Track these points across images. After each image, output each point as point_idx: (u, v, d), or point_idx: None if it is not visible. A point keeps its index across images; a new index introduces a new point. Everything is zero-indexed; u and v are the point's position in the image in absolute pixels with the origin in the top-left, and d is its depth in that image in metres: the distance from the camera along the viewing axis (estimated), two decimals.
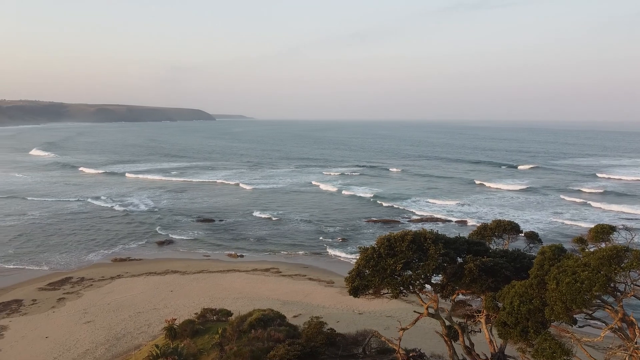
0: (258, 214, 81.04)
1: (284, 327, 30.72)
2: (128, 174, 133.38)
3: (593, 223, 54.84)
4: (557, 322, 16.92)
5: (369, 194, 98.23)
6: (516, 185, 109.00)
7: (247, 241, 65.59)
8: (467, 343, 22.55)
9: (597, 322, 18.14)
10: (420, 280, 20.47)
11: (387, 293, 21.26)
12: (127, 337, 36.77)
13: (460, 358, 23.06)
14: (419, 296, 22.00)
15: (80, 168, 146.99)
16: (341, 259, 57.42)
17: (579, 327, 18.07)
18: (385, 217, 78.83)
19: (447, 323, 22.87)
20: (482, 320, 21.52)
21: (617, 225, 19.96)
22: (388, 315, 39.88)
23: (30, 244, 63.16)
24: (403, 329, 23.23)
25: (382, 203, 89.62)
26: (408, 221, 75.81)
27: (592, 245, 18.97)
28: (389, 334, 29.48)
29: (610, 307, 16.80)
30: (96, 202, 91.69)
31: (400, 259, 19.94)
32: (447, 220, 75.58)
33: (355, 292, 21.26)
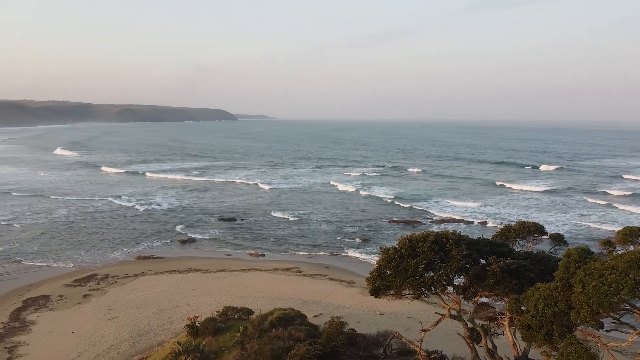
0: (278, 214, 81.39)
1: (305, 326, 30.78)
2: (150, 174, 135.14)
3: (620, 225, 53.52)
4: (583, 326, 16.60)
5: (390, 195, 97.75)
6: (540, 187, 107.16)
7: (268, 241, 65.94)
8: (490, 346, 22.26)
9: (625, 326, 17.73)
10: (442, 282, 20.27)
11: (409, 294, 21.11)
12: (150, 334, 37.34)
13: None
14: (441, 297, 21.80)
15: (102, 167, 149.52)
16: (362, 260, 57.28)
17: (606, 331, 17.67)
18: (406, 217, 78.38)
19: (470, 325, 22.61)
20: (506, 323, 21.22)
21: None
22: (409, 316, 39.65)
23: (57, 241, 64.64)
24: (424, 331, 23.05)
25: (403, 204, 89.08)
26: (430, 222, 75.23)
27: (620, 248, 18.57)
28: (410, 335, 29.29)
29: (638, 312, 16.40)
30: (119, 201, 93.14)
31: (422, 260, 19.80)
32: (469, 222, 74.75)
33: (376, 292, 21.18)
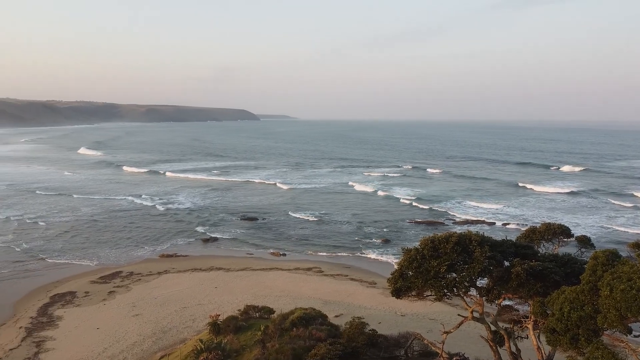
0: (299, 214, 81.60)
1: (326, 326, 30.78)
2: (172, 173, 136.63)
3: None
4: (611, 331, 16.22)
5: (411, 196, 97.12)
6: (566, 188, 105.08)
7: (289, 240, 66.17)
8: (514, 349, 21.92)
9: None
10: (465, 283, 20.04)
11: (431, 295, 20.95)
12: (173, 331, 37.84)
13: None
14: (464, 299, 21.58)
15: (125, 167, 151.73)
16: (383, 260, 57.03)
17: (635, 336, 17.25)
18: (428, 218, 77.77)
19: (493, 328, 22.31)
20: (530, 326, 20.89)
21: None
22: (431, 317, 39.32)
23: (82, 239, 65.98)
24: (447, 332, 22.83)
25: (424, 205, 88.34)
26: (452, 223, 74.49)
27: None
28: (431, 337, 29.07)
29: None
30: (142, 200, 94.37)
31: (444, 261, 19.61)
32: (492, 223, 73.77)
33: (397, 293, 21.06)
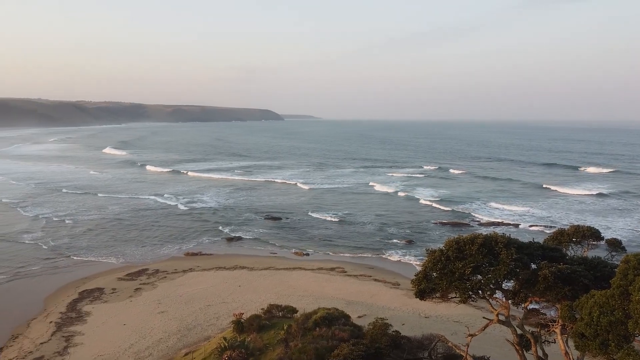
0: (322, 214, 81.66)
1: (349, 326, 30.74)
2: (195, 173, 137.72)
3: None
4: None
5: (435, 196, 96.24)
6: (594, 190, 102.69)
7: (312, 240, 66.29)
8: (540, 354, 21.53)
9: None
10: (490, 286, 19.76)
11: (455, 297, 20.71)
12: (197, 329, 38.32)
13: None
14: (489, 302, 21.27)
15: (149, 166, 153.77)
16: (407, 261, 56.68)
17: None
18: (453, 219, 76.96)
19: (519, 331, 21.94)
20: (558, 331, 20.47)
21: None
22: (455, 320, 38.92)
23: (108, 237, 67.33)
24: (471, 335, 22.55)
25: (448, 206, 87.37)
26: (478, 224, 73.55)
27: None
28: (456, 339, 28.75)
29: None
30: (166, 199, 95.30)
31: (469, 263, 19.38)
32: (518, 225, 72.58)
33: (421, 294, 20.89)
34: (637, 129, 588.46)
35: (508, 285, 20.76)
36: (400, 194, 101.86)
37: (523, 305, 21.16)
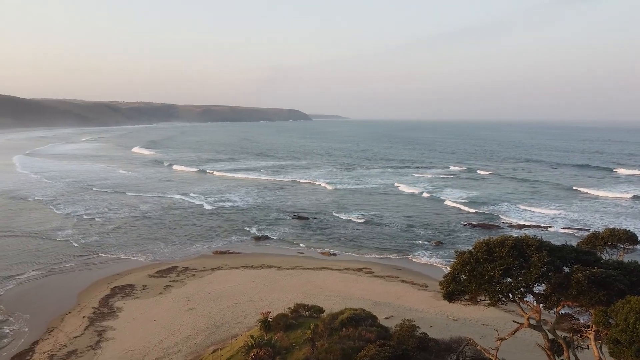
0: (349, 214, 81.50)
1: (375, 327, 30.60)
2: (222, 172, 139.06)
3: None
4: None
5: (463, 198, 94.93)
6: (630, 192, 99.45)
7: (339, 240, 66.23)
8: (573, 359, 21.02)
9: None
10: (521, 289, 19.38)
11: (484, 300, 20.39)
12: (225, 326, 38.75)
13: None
14: (520, 306, 20.86)
15: (175, 166, 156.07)
16: (435, 263, 56.09)
17: None
18: (482, 221, 75.75)
19: (551, 336, 21.45)
20: (591, 337, 19.92)
21: None
22: (484, 323, 38.31)
23: (138, 234, 68.76)
24: (501, 339, 22.16)
25: (477, 208, 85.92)
26: (508, 227, 72.20)
27: None
28: (485, 343, 28.29)
29: None
30: (194, 199, 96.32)
31: (499, 265, 19.06)
32: (549, 227, 70.95)
33: (449, 297, 20.65)
34: None
35: (539, 288, 20.34)
36: (428, 194, 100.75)
37: (555, 309, 20.69)
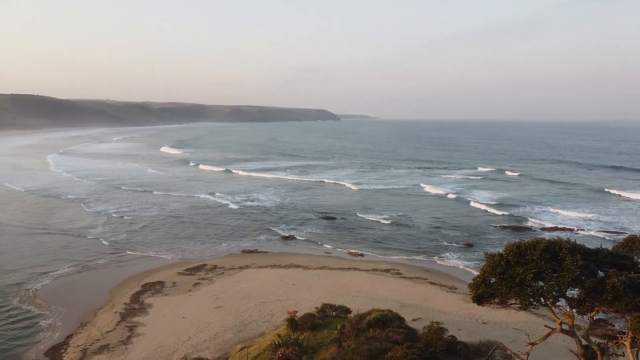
0: (376, 215, 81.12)
1: (403, 329, 30.44)
2: (249, 172, 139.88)
3: None
4: None
5: (493, 199, 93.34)
6: None
7: (367, 241, 66.00)
8: None
9: None
10: (553, 293, 18.96)
11: (515, 304, 20.05)
12: (252, 325, 39.10)
13: None
14: (552, 310, 20.40)
15: (203, 165, 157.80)
16: (464, 265, 55.35)
17: None
18: (512, 223, 74.33)
19: (584, 342, 20.90)
20: (627, 344, 19.34)
21: None
22: (515, 327, 37.60)
23: (166, 233, 69.99)
24: (532, 344, 21.71)
25: (506, 209, 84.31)
26: (540, 229, 70.67)
27: None
28: (515, 347, 27.74)
29: None
30: (221, 199, 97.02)
31: (530, 268, 18.68)
32: (582, 230, 69.14)
33: (479, 299, 20.37)
34: None
35: (572, 293, 19.84)
36: (456, 196, 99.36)
37: (589, 314, 20.15)
